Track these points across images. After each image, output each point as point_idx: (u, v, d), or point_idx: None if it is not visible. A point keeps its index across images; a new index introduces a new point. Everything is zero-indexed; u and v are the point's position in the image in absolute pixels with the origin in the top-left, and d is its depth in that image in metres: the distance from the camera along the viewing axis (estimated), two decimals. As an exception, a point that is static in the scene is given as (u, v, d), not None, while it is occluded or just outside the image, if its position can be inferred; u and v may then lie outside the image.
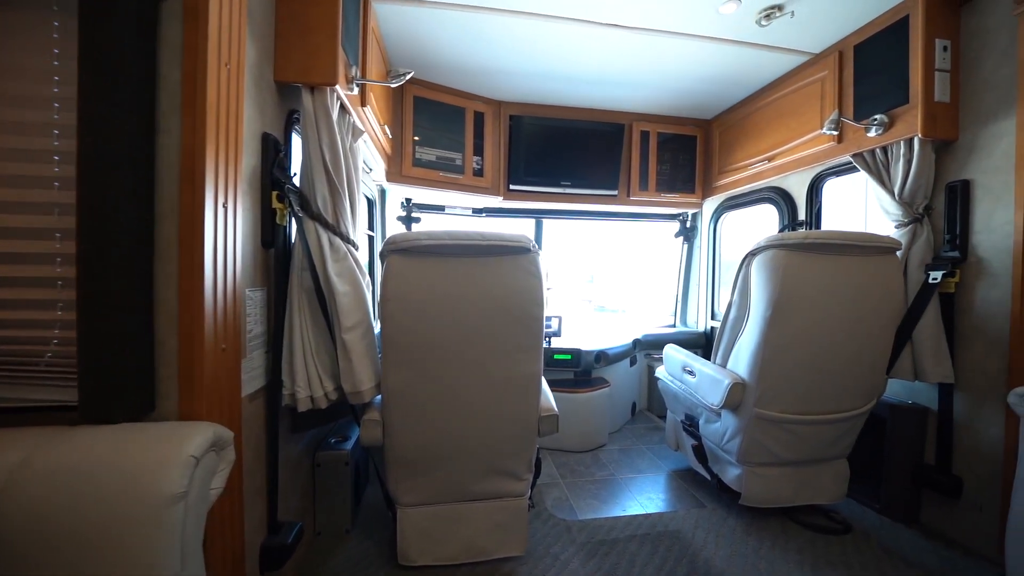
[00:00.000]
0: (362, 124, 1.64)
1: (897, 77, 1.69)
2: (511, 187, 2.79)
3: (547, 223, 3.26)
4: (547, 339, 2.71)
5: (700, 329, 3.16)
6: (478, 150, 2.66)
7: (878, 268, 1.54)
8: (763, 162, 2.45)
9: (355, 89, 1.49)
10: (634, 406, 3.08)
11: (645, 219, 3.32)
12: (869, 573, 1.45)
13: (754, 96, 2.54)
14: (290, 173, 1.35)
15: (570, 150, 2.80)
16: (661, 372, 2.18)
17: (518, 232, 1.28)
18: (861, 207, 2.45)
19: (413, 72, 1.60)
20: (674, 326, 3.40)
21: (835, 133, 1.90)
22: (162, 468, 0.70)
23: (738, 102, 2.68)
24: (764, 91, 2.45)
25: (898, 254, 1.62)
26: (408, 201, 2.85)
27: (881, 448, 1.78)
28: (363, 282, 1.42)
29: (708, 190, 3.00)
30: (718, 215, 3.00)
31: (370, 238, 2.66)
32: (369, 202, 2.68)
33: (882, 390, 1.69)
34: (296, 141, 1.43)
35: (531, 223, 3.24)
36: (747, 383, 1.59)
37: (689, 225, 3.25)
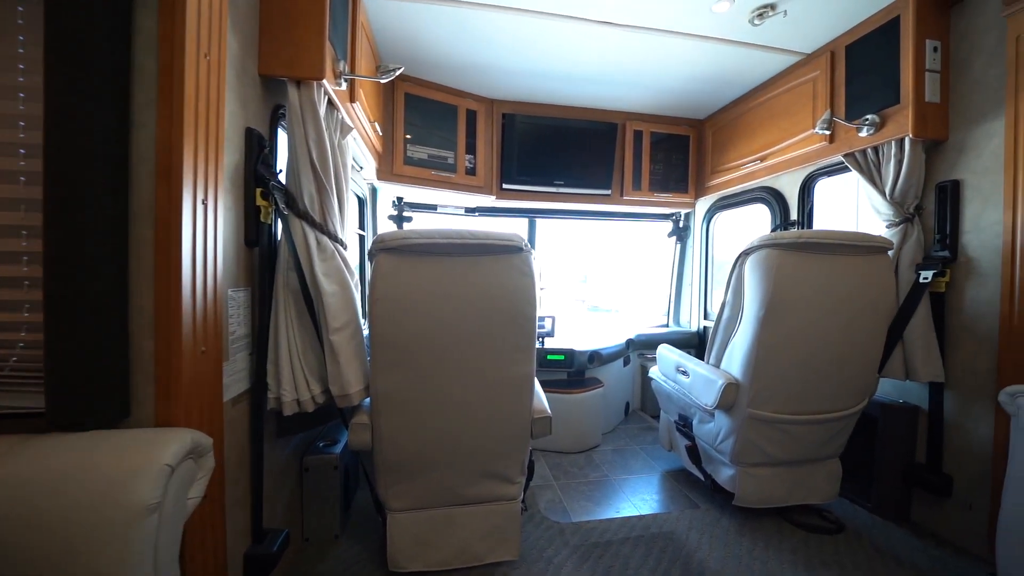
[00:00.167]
0: (351, 120, 1.60)
1: (888, 77, 1.70)
2: (504, 186, 2.76)
3: (540, 223, 3.24)
4: (540, 339, 2.69)
5: (693, 329, 3.16)
6: (470, 148, 2.64)
7: (870, 268, 1.55)
8: (755, 162, 2.45)
9: (343, 84, 1.46)
10: (627, 406, 3.07)
11: (638, 219, 3.31)
12: (861, 572, 1.45)
13: (747, 96, 2.54)
14: (276, 170, 1.32)
15: (563, 149, 2.79)
16: (655, 372, 2.17)
17: (510, 231, 1.26)
18: (852, 207, 2.47)
19: (403, 68, 1.57)
20: (667, 326, 3.40)
21: (827, 133, 1.90)
22: (134, 478, 0.66)
23: (731, 102, 2.68)
24: (756, 91, 2.46)
25: (889, 254, 1.63)
26: (400, 200, 2.81)
27: (873, 447, 1.78)
28: (352, 282, 1.39)
29: (701, 190, 3.00)
30: (711, 215, 3.00)
31: (361, 237, 2.62)
32: (360, 201, 2.64)
33: (874, 389, 1.69)
34: (282, 137, 1.39)
35: (524, 223, 3.22)
36: (741, 383, 1.59)
37: (682, 225, 3.25)
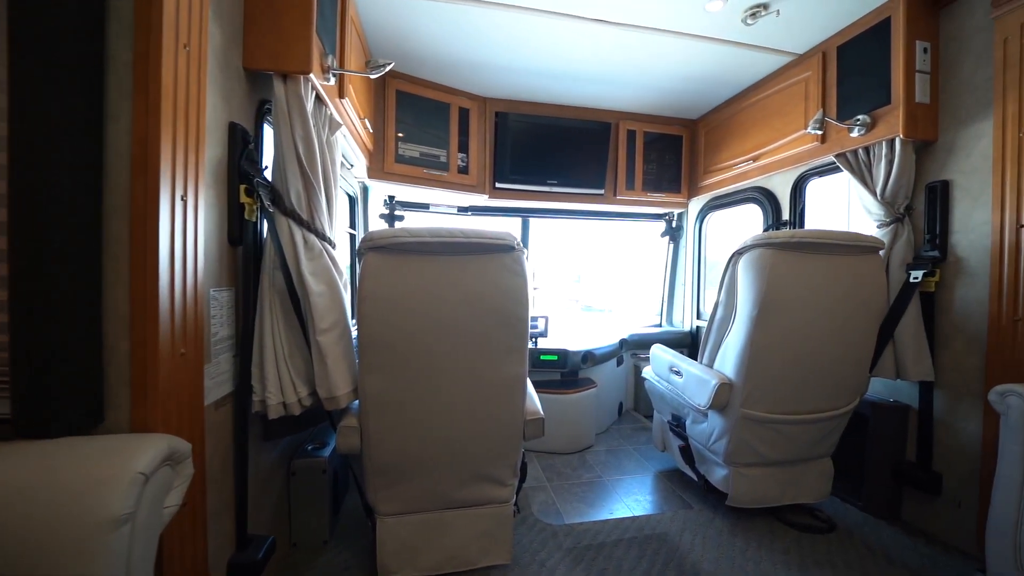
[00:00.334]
0: (340, 117, 1.57)
1: (879, 78, 1.71)
2: (497, 185, 2.74)
3: (534, 222, 3.22)
4: (533, 339, 2.67)
5: (686, 328, 3.17)
6: (463, 147, 2.61)
7: (862, 267, 1.55)
8: (748, 162, 2.46)
9: (332, 79, 1.42)
10: (621, 406, 3.07)
11: (631, 219, 3.31)
12: (853, 571, 1.46)
13: (739, 96, 2.55)
14: (261, 166, 1.28)
15: (556, 148, 2.77)
16: (648, 372, 2.17)
17: (502, 230, 1.24)
18: (842, 208, 2.48)
19: (393, 63, 1.54)
20: (660, 326, 3.41)
21: (819, 132, 1.91)
22: (105, 487, 0.63)
23: (723, 102, 2.69)
24: (749, 91, 2.46)
25: (881, 254, 1.64)
26: (391, 199, 2.77)
27: (864, 446, 1.79)
28: (340, 282, 1.36)
29: (694, 190, 3.01)
30: (703, 215, 3.01)
31: (351, 236, 2.58)
32: (350, 199, 2.60)
33: (865, 388, 1.70)
34: (268, 133, 1.36)
35: (518, 222, 3.20)
36: (734, 383, 1.58)
37: (675, 225, 3.25)
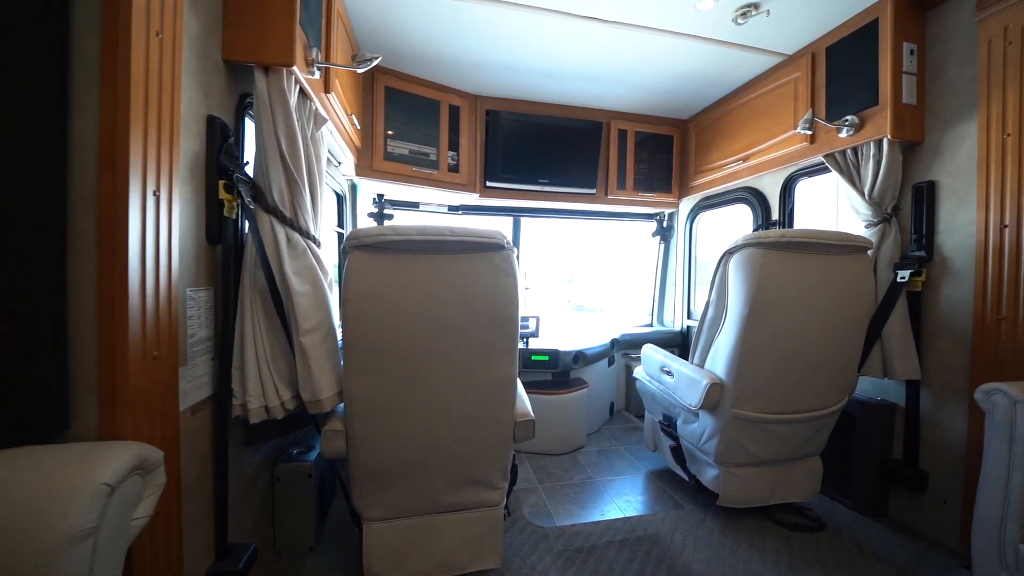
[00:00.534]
0: (326, 112, 1.53)
1: (867, 79, 1.72)
2: (488, 184, 2.71)
3: (525, 222, 3.20)
4: (525, 340, 2.65)
5: (677, 328, 3.18)
6: (453, 145, 2.58)
7: (851, 267, 1.56)
8: (738, 162, 2.47)
9: (316, 73, 1.38)
10: (612, 406, 3.06)
11: (623, 218, 3.31)
12: (842, 570, 1.46)
13: (729, 96, 2.56)
14: (242, 161, 1.24)
15: (548, 147, 2.75)
16: (639, 372, 2.16)
17: (492, 228, 1.21)
18: (831, 208, 2.50)
19: (381, 58, 1.50)
20: (651, 325, 3.41)
21: (809, 133, 1.92)
22: (65, 500, 0.59)
23: (714, 102, 2.70)
24: (739, 91, 2.47)
25: (869, 253, 1.65)
26: (380, 197, 2.72)
27: (852, 445, 1.81)
28: (325, 281, 1.32)
29: (684, 190, 3.02)
30: (694, 215, 3.02)
31: (339, 235, 2.53)
32: (338, 197, 2.55)
33: (854, 387, 1.71)
34: (250, 127, 1.31)
35: (509, 221, 3.17)
36: (725, 383, 1.58)
37: (666, 225, 3.26)
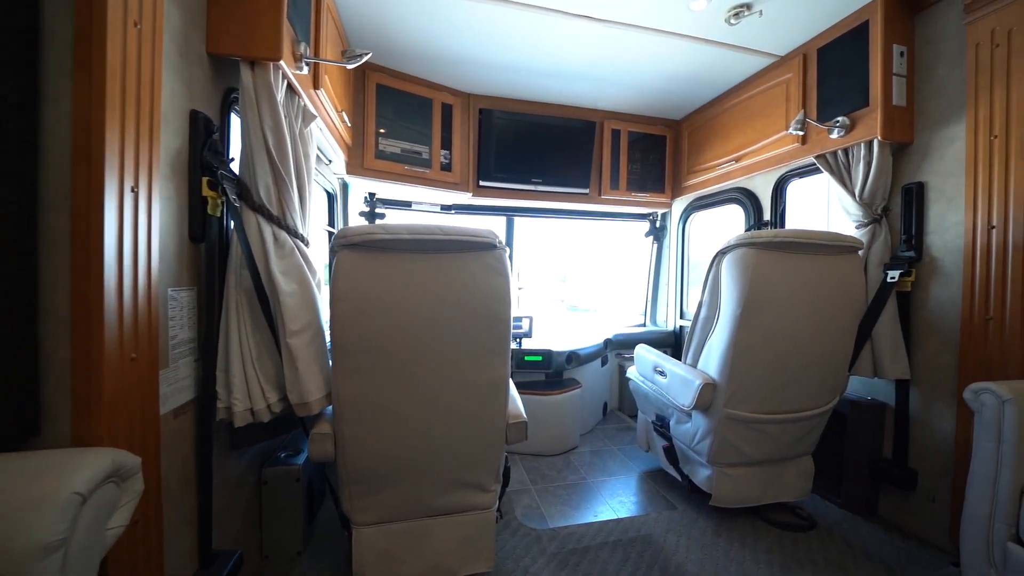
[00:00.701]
0: (315, 109, 1.50)
1: (858, 81, 1.73)
2: (481, 183, 2.69)
3: (519, 221, 3.18)
4: (518, 340, 2.64)
5: (669, 328, 3.18)
6: (446, 144, 2.55)
7: (842, 267, 1.56)
8: (730, 163, 2.48)
9: (304, 68, 1.36)
10: (605, 406, 3.06)
11: (616, 218, 3.31)
12: (834, 569, 1.47)
13: (722, 97, 2.57)
14: (227, 158, 1.21)
15: (541, 147, 2.74)
16: (632, 372, 2.16)
17: (484, 228, 1.19)
18: (821, 209, 2.52)
19: (371, 53, 1.47)
20: (644, 325, 3.42)
21: (800, 133, 1.93)
22: (33, 510, 0.56)
23: (707, 103, 2.70)
24: (731, 92, 2.48)
25: (860, 253, 1.66)
26: (372, 196, 2.69)
27: (842, 444, 1.82)
28: (313, 281, 1.29)
29: (677, 190, 3.02)
30: (687, 215, 3.03)
31: (330, 234, 2.49)
32: (329, 196, 2.51)
33: (845, 387, 1.72)
34: (236, 123, 1.28)
35: (502, 221, 3.15)
36: (717, 383, 1.58)
37: (659, 225, 3.26)
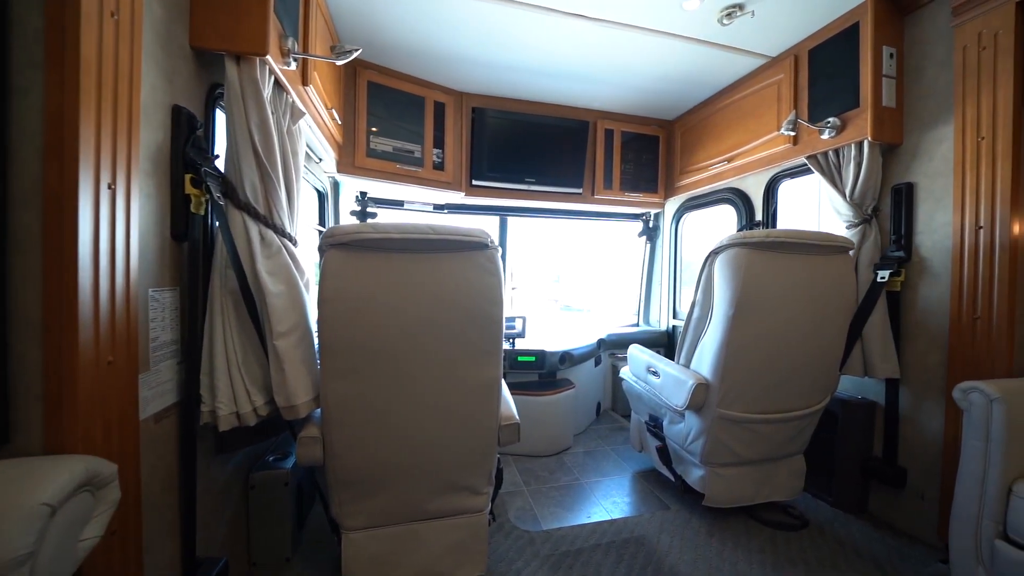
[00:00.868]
0: (303, 105, 1.47)
1: (848, 82, 1.74)
2: (474, 183, 2.67)
3: (512, 221, 3.17)
4: (511, 340, 2.62)
5: (663, 328, 3.19)
6: (438, 142, 2.53)
7: (833, 267, 1.57)
8: (723, 163, 2.48)
9: (292, 64, 1.33)
10: (599, 406, 3.06)
11: (609, 218, 3.31)
12: (825, 568, 1.47)
13: (714, 97, 2.57)
14: (211, 154, 1.18)
15: (535, 146, 2.73)
16: (626, 372, 2.15)
17: (475, 227, 1.17)
18: (812, 210, 2.54)
19: (361, 49, 1.45)
20: (637, 325, 3.42)
21: (792, 134, 1.94)
22: (-2, 523, 0.53)
23: (699, 103, 2.71)
24: (724, 93, 2.49)
25: (851, 253, 1.66)
26: (363, 195, 2.65)
27: (833, 443, 1.83)
28: (301, 281, 1.27)
29: (670, 190, 3.03)
30: (679, 215, 3.03)
31: (320, 234, 2.46)
32: (319, 195, 2.48)
33: (836, 386, 1.73)
34: (222, 120, 1.25)
35: (496, 220, 3.14)
36: (710, 383, 1.58)
37: (652, 225, 3.27)
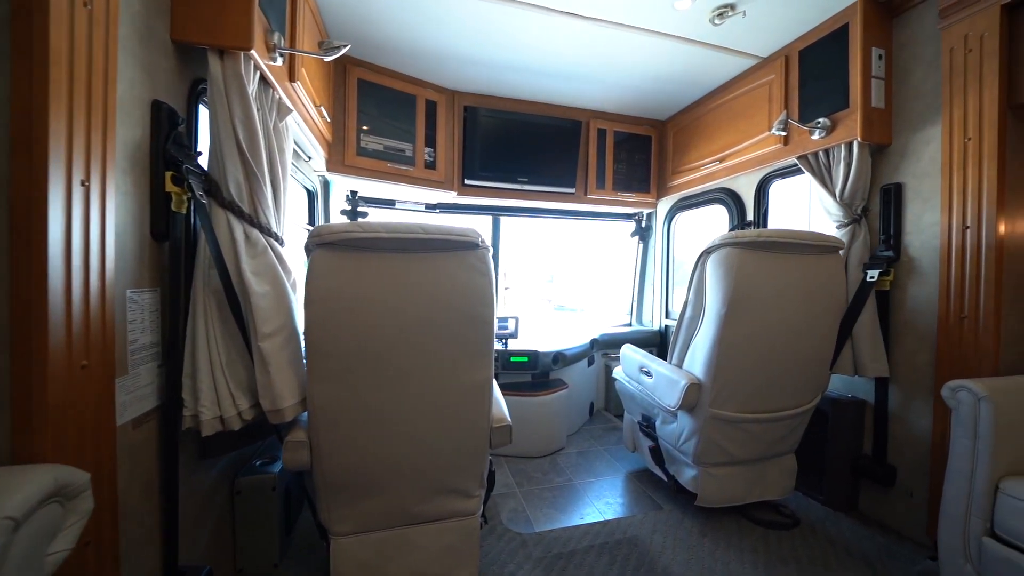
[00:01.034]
0: (291, 102, 1.44)
1: (838, 82, 1.75)
2: (466, 182, 2.65)
3: (506, 221, 3.15)
4: (504, 341, 2.61)
5: (655, 328, 3.19)
6: (430, 141, 2.50)
7: (824, 267, 1.58)
8: (714, 163, 2.49)
9: (279, 60, 1.30)
10: (592, 406, 3.05)
11: (602, 218, 3.30)
12: (817, 566, 1.48)
13: (706, 98, 2.58)
14: (194, 151, 1.14)
15: (527, 145, 2.72)
16: (618, 373, 2.15)
17: (466, 226, 1.15)
18: (803, 210, 2.56)
19: (350, 45, 1.42)
20: (630, 325, 3.42)
21: (783, 134, 1.94)
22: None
23: (691, 103, 2.72)
24: (715, 93, 2.50)
25: (841, 253, 1.67)
26: (354, 194, 2.62)
27: (824, 441, 1.84)
28: (287, 282, 1.24)
29: (662, 190, 3.03)
30: (672, 215, 3.04)
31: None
32: (309, 194, 2.44)
33: (826, 385, 1.74)
34: (205, 116, 1.22)
35: (488, 220, 3.12)
36: (703, 383, 1.58)
37: (644, 225, 3.27)
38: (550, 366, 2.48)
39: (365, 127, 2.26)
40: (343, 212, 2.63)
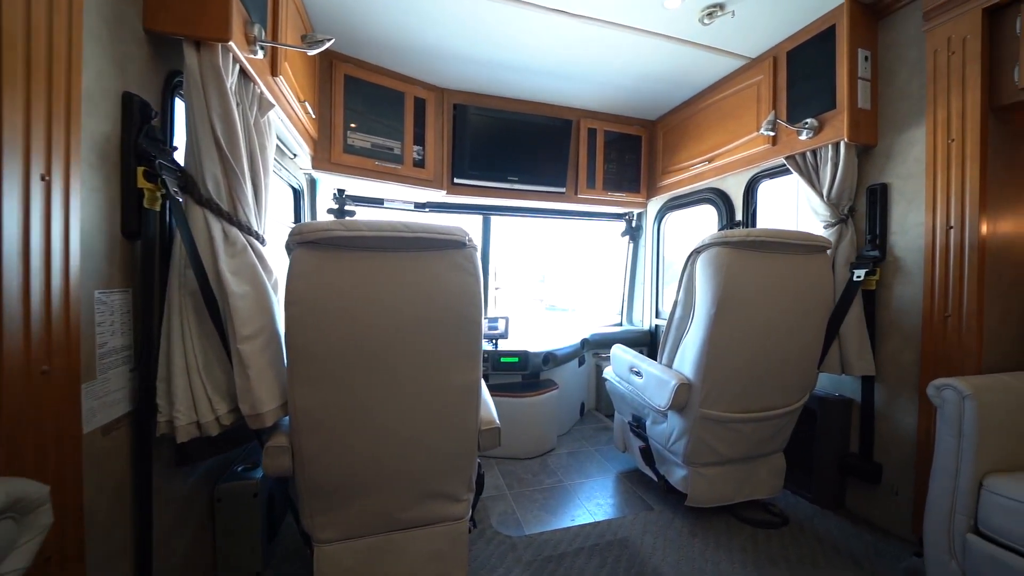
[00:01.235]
0: (273, 97, 1.40)
1: (825, 83, 1.76)
2: (455, 181, 2.62)
3: (496, 220, 3.13)
4: (494, 341, 2.58)
5: (645, 327, 3.20)
6: (419, 139, 2.47)
7: (812, 266, 1.59)
8: (704, 163, 2.50)
9: (260, 52, 1.26)
10: (583, 406, 3.05)
11: (592, 218, 3.30)
12: (805, 565, 1.48)
13: (696, 98, 2.59)
14: (169, 146, 1.10)
15: (518, 144, 2.70)
16: (609, 373, 2.14)
17: (453, 225, 1.13)
18: (790, 210, 2.59)
19: (333, 39, 1.38)
20: (620, 325, 3.43)
21: (772, 134, 1.95)
22: None
23: (681, 103, 2.73)
24: (705, 93, 2.51)
25: (828, 253, 1.68)
26: (341, 192, 2.57)
27: (812, 440, 1.85)
28: (268, 282, 1.20)
29: (652, 190, 3.04)
30: (662, 215, 3.05)
31: (294, 232, 2.36)
32: (295, 192, 2.39)
33: (814, 384, 1.75)
34: (182, 110, 1.17)
35: (479, 219, 3.09)
36: (692, 383, 1.57)
37: (635, 224, 3.28)
38: (540, 366, 2.46)
39: (352, 124, 2.22)
40: (330, 211, 2.58)
